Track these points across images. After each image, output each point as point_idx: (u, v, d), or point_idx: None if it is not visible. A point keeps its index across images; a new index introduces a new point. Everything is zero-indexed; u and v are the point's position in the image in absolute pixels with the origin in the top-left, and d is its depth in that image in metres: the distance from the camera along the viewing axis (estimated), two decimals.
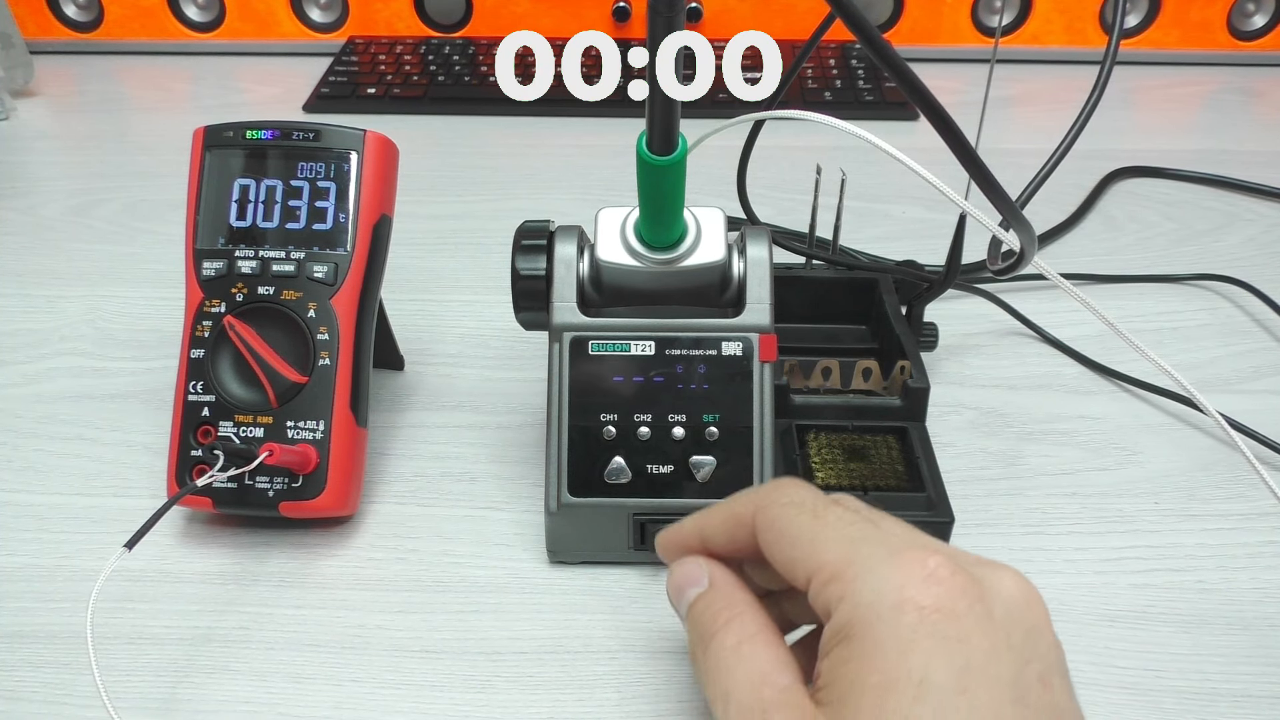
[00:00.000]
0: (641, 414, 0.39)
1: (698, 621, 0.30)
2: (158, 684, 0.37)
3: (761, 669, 0.28)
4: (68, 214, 0.67)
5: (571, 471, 0.39)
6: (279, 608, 0.40)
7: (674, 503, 0.39)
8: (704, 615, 0.30)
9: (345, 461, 0.41)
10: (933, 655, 0.24)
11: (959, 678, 0.24)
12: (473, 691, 0.37)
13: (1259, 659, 0.38)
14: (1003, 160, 0.27)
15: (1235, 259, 0.61)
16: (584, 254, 0.40)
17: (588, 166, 0.72)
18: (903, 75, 0.24)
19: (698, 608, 0.31)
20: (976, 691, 0.24)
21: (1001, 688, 0.25)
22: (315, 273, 0.41)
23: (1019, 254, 0.30)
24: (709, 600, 0.30)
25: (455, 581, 0.41)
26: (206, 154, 0.43)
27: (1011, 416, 0.49)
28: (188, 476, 0.41)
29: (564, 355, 0.40)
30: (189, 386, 0.42)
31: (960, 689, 0.24)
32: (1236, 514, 0.44)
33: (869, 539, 0.27)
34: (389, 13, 0.89)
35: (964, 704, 0.24)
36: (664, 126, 0.31)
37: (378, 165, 0.42)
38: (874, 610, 0.25)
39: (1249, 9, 0.86)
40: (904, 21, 0.88)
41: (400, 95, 0.81)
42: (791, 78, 0.41)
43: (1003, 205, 0.27)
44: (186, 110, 0.82)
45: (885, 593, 0.25)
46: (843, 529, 0.28)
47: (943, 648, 0.25)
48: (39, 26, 0.88)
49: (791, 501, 0.29)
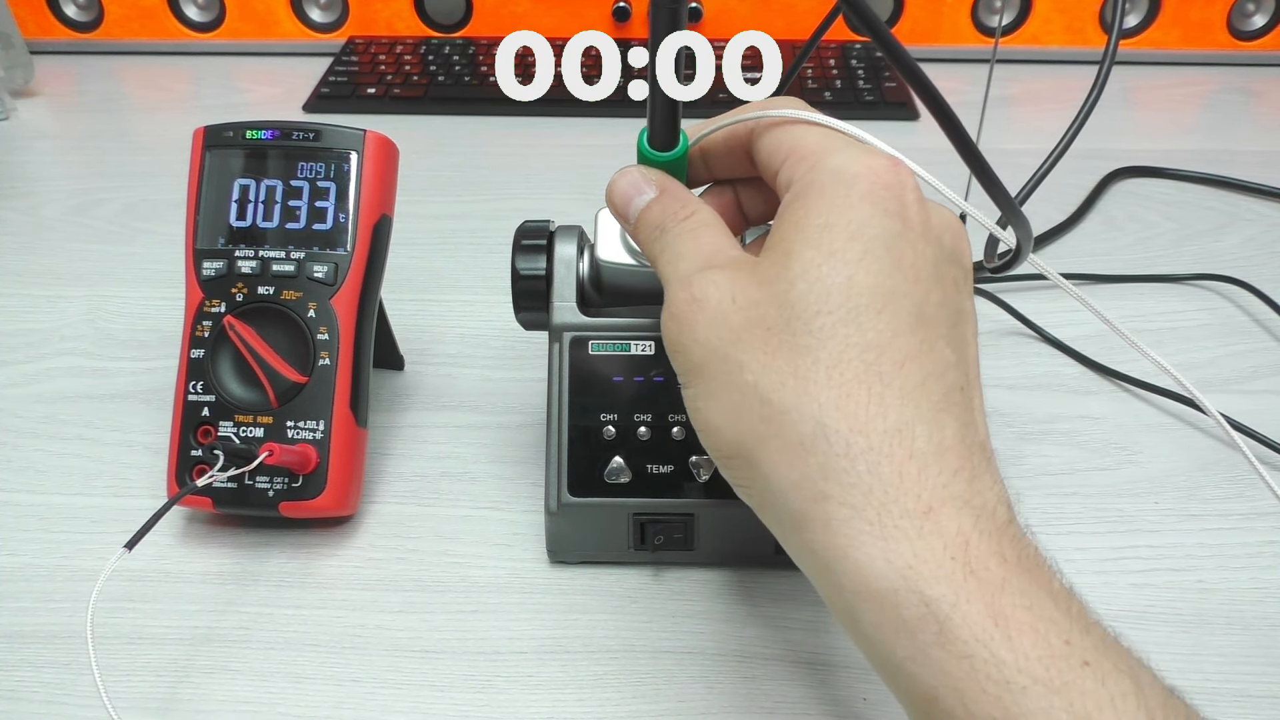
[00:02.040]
0: (641, 414, 0.39)
1: (651, 221, 0.31)
2: (158, 684, 0.37)
3: (716, 243, 0.30)
4: (68, 214, 0.67)
5: (571, 471, 0.39)
6: (279, 608, 0.40)
7: (674, 502, 0.39)
8: (660, 214, 0.31)
9: (345, 461, 0.41)
10: (874, 217, 0.27)
11: (894, 239, 0.27)
12: (473, 691, 0.37)
13: (1259, 659, 0.38)
14: (1002, 160, 0.27)
15: (1235, 259, 0.61)
16: (584, 254, 0.41)
17: (588, 166, 0.72)
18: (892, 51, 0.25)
19: (652, 211, 0.32)
20: (904, 253, 0.27)
21: (925, 262, 0.27)
22: (315, 273, 0.42)
23: (1015, 250, 0.30)
24: (664, 203, 0.31)
25: (455, 581, 0.41)
26: (206, 154, 0.43)
27: (1011, 416, 0.49)
28: (188, 476, 0.41)
29: (564, 355, 0.40)
30: (189, 386, 0.42)
31: (891, 246, 0.27)
32: (1236, 514, 0.44)
33: (850, 144, 0.29)
34: (389, 13, 0.89)
35: (892, 256, 0.27)
36: (665, 122, 0.31)
37: (378, 165, 0.42)
38: (835, 175, 0.28)
39: (1249, 9, 0.86)
40: (904, 21, 0.88)
41: (400, 95, 0.81)
42: (791, 78, 0.41)
43: (999, 198, 0.28)
44: (186, 110, 0.82)
45: (850, 166, 0.27)
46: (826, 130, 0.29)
47: (885, 215, 0.27)
48: (39, 26, 0.88)
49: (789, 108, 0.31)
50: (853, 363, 0.26)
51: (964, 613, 0.23)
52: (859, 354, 0.26)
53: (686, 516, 0.39)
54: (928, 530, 0.24)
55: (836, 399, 0.25)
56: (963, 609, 0.23)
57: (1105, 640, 0.24)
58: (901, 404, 0.25)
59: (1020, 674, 0.23)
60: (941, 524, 0.24)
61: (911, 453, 0.25)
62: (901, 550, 0.24)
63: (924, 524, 0.24)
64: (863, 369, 0.26)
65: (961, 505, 0.25)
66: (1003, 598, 0.23)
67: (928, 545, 0.24)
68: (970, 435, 0.26)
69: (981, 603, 0.23)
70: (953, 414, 0.26)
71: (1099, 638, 0.24)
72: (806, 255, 0.27)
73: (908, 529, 0.24)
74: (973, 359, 0.29)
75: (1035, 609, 0.23)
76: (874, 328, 0.26)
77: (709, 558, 0.41)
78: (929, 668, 0.24)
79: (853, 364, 0.26)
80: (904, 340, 0.26)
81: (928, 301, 0.27)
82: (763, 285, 0.27)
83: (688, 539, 0.40)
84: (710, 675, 0.37)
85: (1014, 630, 0.23)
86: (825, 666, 0.37)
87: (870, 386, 0.25)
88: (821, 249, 0.27)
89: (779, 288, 0.27)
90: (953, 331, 0.28)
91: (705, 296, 0.28)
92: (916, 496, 0.25)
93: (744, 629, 0.39)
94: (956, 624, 0.23)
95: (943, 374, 0.26)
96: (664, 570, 0.41)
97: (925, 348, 0.26)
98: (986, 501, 0.25)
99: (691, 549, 0.40)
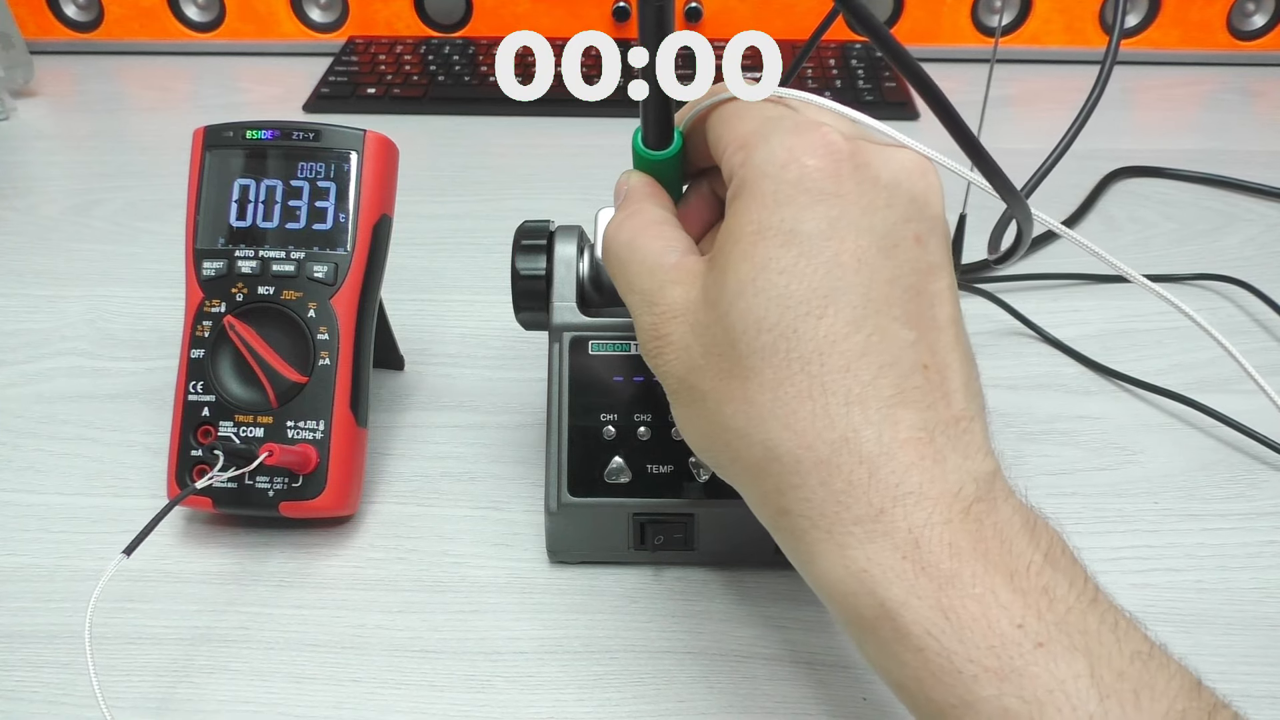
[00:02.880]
0: (641, 414, 0.39)
1: (605, 237, 0.32)
2: (157, 684, 0.37)
3: (655, 250, 0.30)
4: (68, 214, 0.67)
5: (571, 471, 0.39)
6: (279, 608, 0.40)
7: (674, 502, 0.39)
8: (613, 229, 0.31)
9: (345, 461, 0.41)
10: (806, 208, 0.26)
11: (829, 227, 0.26)
12: (473, 691, 0.37)
13: (1259, 659, 0.38)
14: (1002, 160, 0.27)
15: (1235, 259, 0.61)
16: (584, 254, 0.41)
17: (588, 166, 0.72)
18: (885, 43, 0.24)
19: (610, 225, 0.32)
20: (844, 238, 0.26)
21: (871, 238, 0.26)
22: (315, 273, 0.42)
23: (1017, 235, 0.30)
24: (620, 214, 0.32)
25: (455, 581, 0.41)
26: (206, 154, 0.43)
27: (1011, 416, 0.49)
28: (188, 476, 0.41)
29: (564, 355, 0.40)
30: (189, 386, 0.42)
31: (827, 236, 0.26)
32: (1236, 514, 0.44)
33: (783, 117, 0.28)
34: (389, 13, 0.89)
35: (829, 250, 0.26)
36: (657, 121, 0.31)
37: (378, 165, 0.42)
38: (762, 169, 0.27)
39: (1249, 9, 0.86)
40: (904, 21, 0.88)
41: (400, 95, 0.81)
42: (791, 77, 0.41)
43: (999, 183, 0.27)
44: (186, 110, 0.82)
45: (777, 154, 0.26)
46: (764, 110, 0.28)
47: (818, 201, 0.26)
48: (39, 26, 0.88)
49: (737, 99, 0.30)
50: (795, 377, 0.25)
51: (914, 609, 0.24)
52: (801, 367, 0.25)
53: (686, 516, 0.39)
54: (878, 533, 0.25)
55: (783, 418, 0.26)
56: (913, 605, 0.24)
57: (1070, 613, 0.24)
58: (848, 411, 0.25)
59: (970, 664, 0.23)
60: (891, 525, 0.25)
61: (861, 458, 0.25)
62: (855, 555, 0.25)
63: (874, 527, 0.25)
64: (806, 382, 0.25)
65: (915, 500, 0.25)
66: (950, 591, 0.24)
67: (878, 548, 0.25)
68: (935, 416, 0.26)
69: (931, 598, 0.24)
70: (909, 402, 0.26)
71: (1062, 613, 0.24)
72: (742, 271, 0.26)
73: (859, 534, 0.25)
74: (944, 321, 0.27)
75: (986, 598, 0.24)
76: (813, 337, 0.25)
77: (709, 558, 0.41)
78: (892, 661, 0.25)
79: (795, 379, 0.25)
80: (848, 341, 0.26)
81: (875, 284, 0.26)
82: (709, 308, 0.27)
83: (688, 539, 0.40)
84: (710, 675, 0.37)
85: (964, 622, 0.24)
86: (825, 666, 0.37)
87: (815, 399, 0.25)
88: (754, 261, 0.26)
89: (720, 310, 0.27)
90: (912, 304, 0.26)
91: (669, 332, 0.29)
92: (868, 502, 0.25)
93: (744, 629, 0.39)
94: (908, 621, 0.24)
95: (896, 361, 0.26)
96: (664, 570, 0.41)
97: (874, 340, 0.26)
98: (949, 486, 0.25)
99: (691, 549, 0.40)
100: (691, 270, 0.29)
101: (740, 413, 0.26)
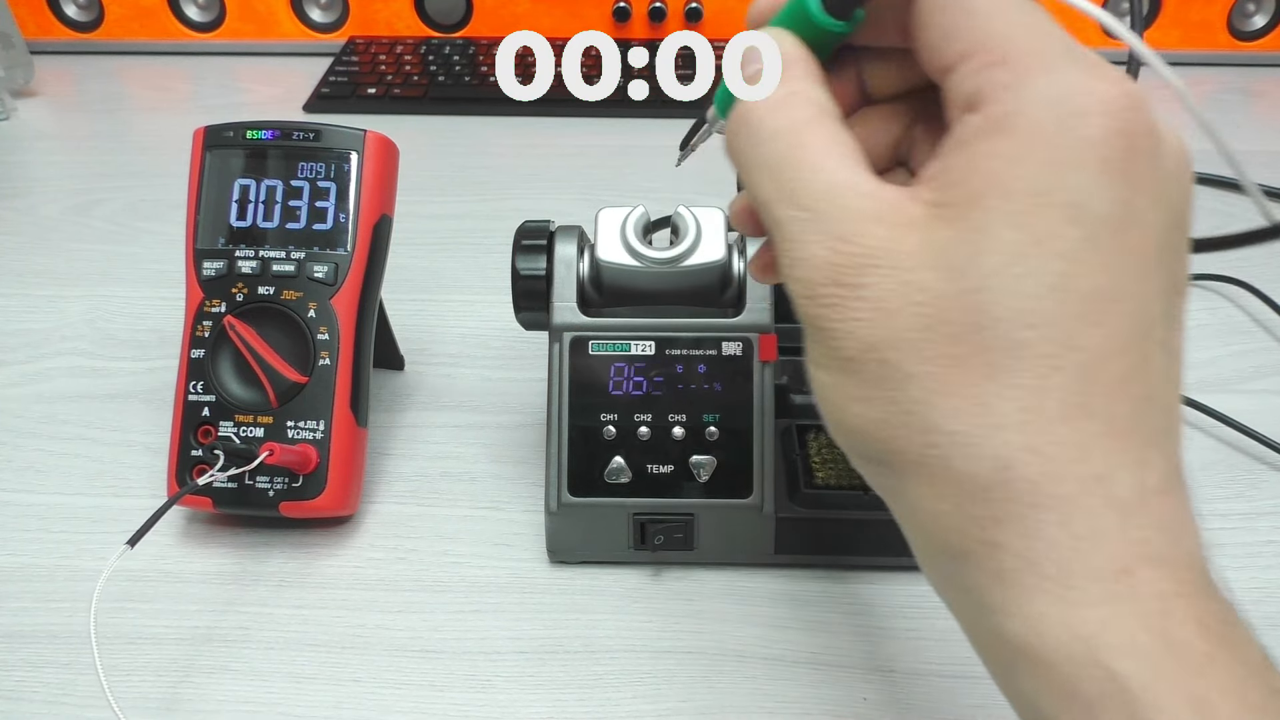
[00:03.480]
0: (641, 414, 0.39)
1: (745, 115, 0.24)
2: (158, 684, 0.37)
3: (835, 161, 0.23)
4: (68, 214, 0.67)
5: (571, 471, 0.39)
6: (279, 608, 0.40)
7: (674, 503, 0.39)
8: (762, 110, 0.24)
9: (345, 461, 0.41)
10: (1101, 180, 0.20)
11: (1123, 212, 0.21)
12: (473, 691, 0.37)
13: None
14: None
15: (1235, 259, 0.61)
16: (584, 254, 0.41)
17: (588, 166, 0.72)
18: None
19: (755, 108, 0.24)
20: (1130, 232, 0.21)
21: (1151, 243, 0.21)
22: (315, 273, 0.42)
23: None
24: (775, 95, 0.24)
25: (455, 581, 0.41)
26: (207, 154, 0.43)
27: None
28: (188, 476, 0.41)
29: (564, 355, 0.40)
30: (189, 386, 0.42)
31: (1118, 224, 0.21)
32: (1237, 514, 0.44)
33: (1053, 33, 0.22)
34: (389, 13, 0.89)
35: (1117, 242, 0.21)
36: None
37: (378, 165, 0.42)
38: (1053, 110, 0.21)
39: (1249, 9, 0.86)
40: None
41: (400, 95, 0.80)
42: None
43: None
44: (187, 110, 0.82)
45: (1071, 96, 0.21)
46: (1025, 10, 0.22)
47: (1114, 178, 0.21)
48: (39, 26, 0.88)
49: None
50: (1055, 392, 0.20)
51: (1156, 694, 0.20)
52: (1064, 381, 0.20)
53: (686, 516, 0.39)
54: (1122, 594, 0.20)
55: (1032, 437, 0.21)
56: (1156, 690, 0.20)
57: None
58: (1109, 443, 0.21)
59: None
60: (1138, 588, 0.20)
61: (1110, 502, 0.20)
62: (1086, 616, 0.20)
63: (1117, 588, 0.20)
64: (1067, 399, 0.20)
65: (1162, 563, 0.20)
66: (1205, 680, 0.20)
67: (1119, 613, 0.20)
68: (1172, 466, 0.22)
69: (1181, 685, 0.20)
70: (1162, 447, 0.21)
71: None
72: (1007, 239, 0.20)
73: (1097, 593, 0.20)
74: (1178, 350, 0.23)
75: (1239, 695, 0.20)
76: (1086, 346, 0.20)
77: (709, 558, 0.41)
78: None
79: (1055, 393, 0.20)
80: (1120, 360, 0.21)
81: (1149, 296, 0.21)
82: (943, 272, 0.21)
83: (688, 539, 0.40)
84: (710, 675, 0.37)
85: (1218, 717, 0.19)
86: (825, 666, 0.37)
87: (1075, 423, 0.20)
88: (1030, 232, 0.20)
89: (969, 281, 0.21)
90: (1169, 329, 0.22)
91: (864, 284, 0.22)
92: (1111, 555, 0.20)
93: (744, 629, 0.39)
94: (1148, 705, 0.19)
95: (1152, 395, 0.21)
96: (664, 570, 0.41)
97: (1141, 364, 0.21)
98: (1188, 552, 0.21)
99: (691, 549, 0.40)
100: (902, 210, 0.22)
101: (966, 414, 0.21)
